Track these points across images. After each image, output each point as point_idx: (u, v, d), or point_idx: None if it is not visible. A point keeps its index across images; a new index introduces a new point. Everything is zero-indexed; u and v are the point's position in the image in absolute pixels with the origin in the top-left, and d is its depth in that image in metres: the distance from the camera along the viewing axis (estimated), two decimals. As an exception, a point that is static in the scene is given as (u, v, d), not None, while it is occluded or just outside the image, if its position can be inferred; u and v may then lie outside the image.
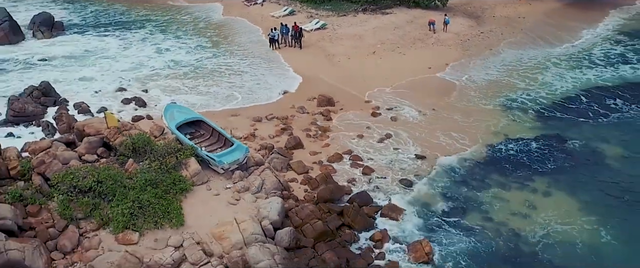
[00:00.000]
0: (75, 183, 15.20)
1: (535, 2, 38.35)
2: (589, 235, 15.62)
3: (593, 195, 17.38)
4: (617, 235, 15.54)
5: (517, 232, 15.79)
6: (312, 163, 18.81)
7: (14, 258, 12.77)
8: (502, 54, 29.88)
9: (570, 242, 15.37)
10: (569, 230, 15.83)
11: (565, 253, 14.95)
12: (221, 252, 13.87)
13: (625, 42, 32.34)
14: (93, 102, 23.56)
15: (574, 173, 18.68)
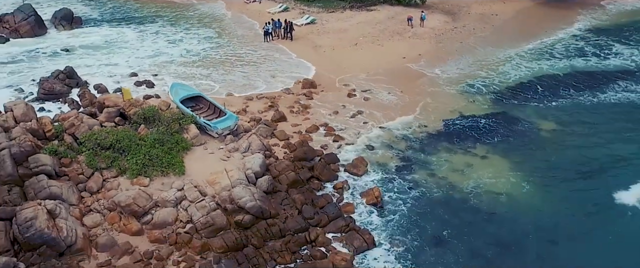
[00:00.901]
0: (98, 142, 19.15)
1: (509, 1, 41.91)
2: (512, 187, 19.29)
3: (522, 158, 21.05)
4: (536, 187, 19.22)
5: (454, 184, 19.50)
6: (293, 133, 22.58)
7: (54, 193, 16.69)
8: (471, 47, 33.40)
9: (495, 192, 19.04)
10: (496, 183, 19.52)
11: (490, 199, 18.63)
12: (213, 193, 17.69)
13: (588, 39, 35.77)
14: (110, 84, 27.44)
15: (510, 142, 22.34)
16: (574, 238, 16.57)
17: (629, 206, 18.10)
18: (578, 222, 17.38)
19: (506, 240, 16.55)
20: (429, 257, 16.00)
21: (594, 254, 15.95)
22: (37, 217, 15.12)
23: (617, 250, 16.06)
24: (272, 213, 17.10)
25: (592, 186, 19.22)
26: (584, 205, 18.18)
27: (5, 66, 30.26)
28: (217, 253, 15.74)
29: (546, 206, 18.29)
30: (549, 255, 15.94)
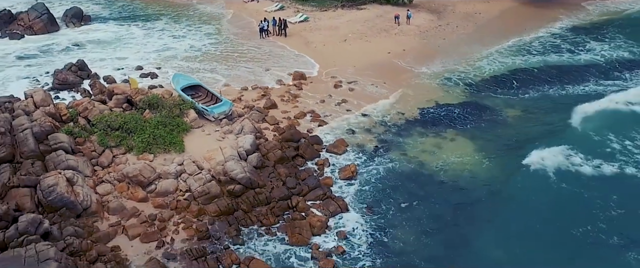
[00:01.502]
0: (108, 123, 21.75)
1: (494, 1, 44.24)
2: (474, 164, 21.72)
3: (486, 140, 23.46)
4: (494, 163, 21.62)
5: (423, 162, 21.95)
6: (282, 118, 25.07)
7: (71, 165, 19.25)
8: (453, 44, 35.76)
9: (459, 168, 21.46)
10: (461, 161, 21.95)
11: (454, 174, 21.04)
12: (209, 167, 20.23)
13: (566, 36, 38.02)
14: (118, 76, 30.00)
15: (478, 127, 24.76)
16: (516, 200, 19.00)
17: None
18: (522, 187, 19.80)
19: (463, 205, 18.99)
20: (395, 219, 18.42)
21: (526, 209, 18.41)
22: (58, 184, 17.71)
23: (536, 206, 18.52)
24: (260, 184, 19.63)
25: (540, 159, 21.55)
26: (528, 174, 20.58)
27: (22, 60, 32.95)
28: (212, 216, 18.27)
29: (499, 177, 20.71)
30: (496, 215, 18.39)
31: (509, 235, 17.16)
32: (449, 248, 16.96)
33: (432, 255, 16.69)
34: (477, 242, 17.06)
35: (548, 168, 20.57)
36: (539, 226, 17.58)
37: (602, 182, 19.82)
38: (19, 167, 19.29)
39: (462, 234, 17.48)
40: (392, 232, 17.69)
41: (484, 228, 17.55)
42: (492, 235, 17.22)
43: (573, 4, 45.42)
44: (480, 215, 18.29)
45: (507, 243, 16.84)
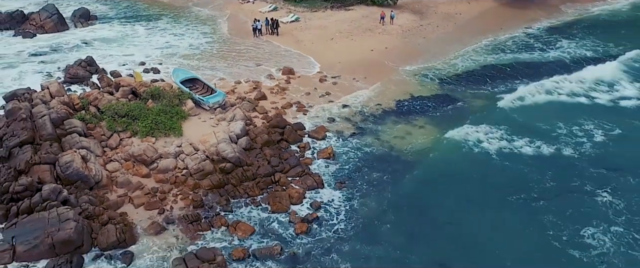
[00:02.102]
0: (116, 111, 24.71)
1: (474, 2, 47.18)
2: (437, 146, 24.41)
3: (450, 126, 26.09)
4: (455, 144, 24.33)
5: (394, 145, 24.80)
6: (271, 108, 27.98)
7: (84, 146, 22.19)
8: (432, 42, 38.69)
9: (425, 150, 24.24)
10: (427, 144, 24.73)
11: (420, 155, 23.75)
12: (204, 148, 23.15)
13: (539, 36, 40.92)
14: (123, 71, 32.93)
15: (445, 116, 27.56)
16: (466, 174, 21.94)
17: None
18: (472, 163, 22.76)
19: (425, 180, 21.78)
20: (364, 192, 21.22)
21: (471, 180, 21.37)
22: (74, 160, 20.66)
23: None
24: (248, 162, 22.56)
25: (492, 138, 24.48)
26: (476, 153, 23.54)
27: (36, 57, 35.86)
28: (205, 189, 21.19)
29: (458, 155, 23.55)
30: (448, 186, 21.25)
31: (458, 201, 20.03)
32: (410, 215, 19.75)
33: (394, 219, 19.50)
34: (433, 209, 19.88)
35: (490, 148, 23.64)
36: (481, 193, 20.60)
37: (535, 159, 22.89)
38: (39, 148, 22.17)
39: (421, 203, 20.29)
40: (360, 201, 20.54)
41: (439, 198, 20.39)
42: (445, 202, 20.04)
43: (551, 5, 48.34)
44: (437, 187, 21.16)
45: (455, 207, 19.74)
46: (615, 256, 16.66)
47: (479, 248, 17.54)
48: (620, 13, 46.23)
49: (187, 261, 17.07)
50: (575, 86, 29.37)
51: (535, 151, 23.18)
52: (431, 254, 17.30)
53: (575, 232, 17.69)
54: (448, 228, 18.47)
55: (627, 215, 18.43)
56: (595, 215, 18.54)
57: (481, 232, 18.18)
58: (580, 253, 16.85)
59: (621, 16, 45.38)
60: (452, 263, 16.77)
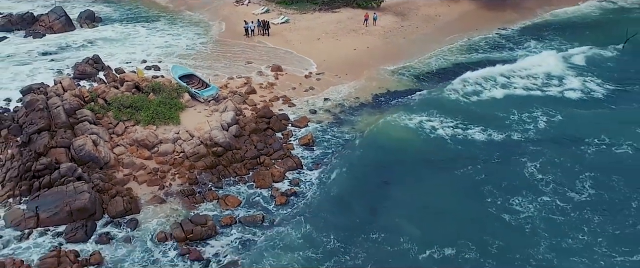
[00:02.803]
0: (121, 103, 27.98)
1: (454, 5, 50.43)
2: (403, 131, 27.49)
3: (417, 114, 29.22)
4: (419, 129, 27.50)
5: (366, 133, 27.82)
6: (259, 101, 31.24)
7: (94, 132, 25.46)
8: (411, 42, 41.93)
9: (392, 135, 27.19)
10: (394, 129, 27.70)
11: (387, 139, 26.63)
12: (198, 135, 26.41)
13: (511, 37, 44.03)
14: (126, 68, 36.23)
15: (413, 107, 30.39)
16: (425, 156, 25.23)
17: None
18: (431, 146, 26.09)
19: (390, 161, 24.90)
20: (337, 172, 24.39)
21: (427, 161, 24.62)
22: (86, 144, 23.94)
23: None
24: (237, 147, 25.85)
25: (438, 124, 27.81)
26: (432, 137, 26.79)
27: (46, 55, 39.07)
28: (200, 169, 24.46)
29: (419, 140, 26.75)
30: (408, 167, 24.47)
31: (414, 178, 23.28)
32: (373, 190, 22.91)
33: (360, 194, 22.62)
34: (393, 185, 23.05)
35: (446, 134, 27.08)
36: (433, 171, 23.99)
37: (484, 142, 26.22)
38: (55, 134, 25.40)
39: (384, 180, 23.45)
40: (333, 179, 23.71)
41: (399, 175, 23.64)
42: (403, 179, 23.21)
43: (525, 8, 51.48)
44: (398, 167, 24.39)
45: (411, 182, 22.98)
46: (538, 219, 19.95)
47: (429, 215, 20.79)
48: (589, 16, 49.50)
49: (183, 225, 20.37)
50: (528, 81, 32.69)
51: (485, 135, 26.50)
52: (387, 221, 20.55)
53: (508, 200, 20.99)
54: (404, 200, 21.72)
55: (552, 186, 21.72)
56: (526, 186, 21.86)
57: (432, 203, 21.46)
58: (510, 217, 20.15)
59: (589, 19, 48.65)
60: (406, 227, 20.02)
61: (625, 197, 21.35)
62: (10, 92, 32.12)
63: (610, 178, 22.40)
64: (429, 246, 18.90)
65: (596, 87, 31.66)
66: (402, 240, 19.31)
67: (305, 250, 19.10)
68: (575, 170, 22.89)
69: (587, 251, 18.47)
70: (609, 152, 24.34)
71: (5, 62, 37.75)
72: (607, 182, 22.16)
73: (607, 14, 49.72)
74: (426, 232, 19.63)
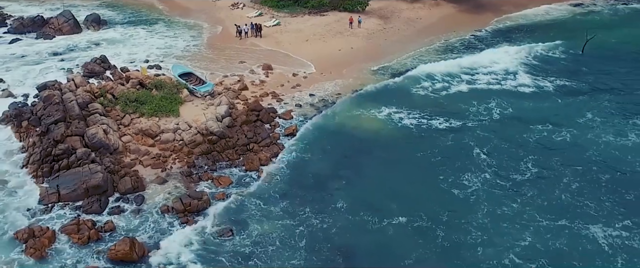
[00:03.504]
0: (127, 97, 31.63)
1: (434, 8, 54.16)
2: (377, 122, 31.31)
3: (390, 106, 33.01)
4: (391, 119, 31.24)
5: (345, 123, 31.59)
6: (251, 96, 34.89)
7: (104, 122, 29.12)
8: (391, 44, 45.56)
9: (366, 125, 31.08)
10: (369, 120, 31.56)
11: (362, 128, 30.58)
12: (196, 125, 30.07)
13: (484, 38, 47.66)
14: (131, 67, 39.84)
15: (386, 102, 33.95)
16: (393, 142, 28.88)
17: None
18: (397, 133, 29.75)
19: (362, 146, 28.68)
20: (316, 156, 28.13)
21: (393, 146, 28.28)
22: (98, 133, 27.59)
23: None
24: (229, 136, 29.52)
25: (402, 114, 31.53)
26: (398, 125, 30.51)
27: (56, 55, 42.54)
28: (196, 155, 28.10)
29: (388, 128, 30.51)
30: (378, 151, 28.17)
31: (381, 160, 27.16)
32: (346, 170, 26.60)
33: (334, 173, 26.31)
34: (363, 166, 26.77)
35: (411, 123, 30.92)
36: (397, 154, 27.85)
37: (443, 130, 30.12)
38: (69, 124, 29.04)
39: (355, 161, 27.19)
40: (312, 162, 27.47)
41: (368, 158, 27.38)
42: (371, 161, 26.99)
43: (502, 11, 55.30)
44: (368, 151, 28.15)
45: (378, 164, 26.84)
46: (481, 192, 23.75)
47: (390, 190, 24.53)
48: (558, 19, 53.30)
49: (183, 199, 24.05)
50: (489, 77, 36.54)
51: (445, 124, 30.41)
52: (354, 195, 24.22)
53: (458, 178, 24.73)
54: (370, 179, 25.46)
55: (497, 166, 25.52)
56: (475, 166, 25.67)
57: (393, 180, 25.23)
58: (458, 191, 23.90)
59: (557, 21, 52.46)
60: (369, 201, 23.70)
61: (558, 175, 25.13)
62: (26, 88, 35.74)
63: (549, 160, 26.18)
64: (387, 216, 22.64)
65: (548, 83, 35.49)
66: (364, 210, 23.07)
67: (284, 219, 22.82)
68: (519, 153, 26.68)
69: (518, 217, 22.24)
70: (550, 139, 28.11)
71: (19, 61, 41.36)
72: (545, 163, 25.94)
73: (575, 16, 53.49)
74: (385, 203, 23.36)
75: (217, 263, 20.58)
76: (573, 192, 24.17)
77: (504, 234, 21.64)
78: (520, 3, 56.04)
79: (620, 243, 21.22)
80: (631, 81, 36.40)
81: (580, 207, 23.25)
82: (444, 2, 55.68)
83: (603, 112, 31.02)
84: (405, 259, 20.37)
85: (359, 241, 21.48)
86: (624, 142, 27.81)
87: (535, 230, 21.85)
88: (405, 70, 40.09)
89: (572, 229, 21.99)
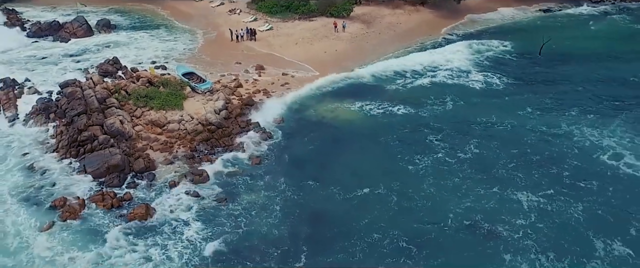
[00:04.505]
0: (139, 93, 36.98)
1: (414, 14, 59.50)
2: (352, 114, 36.57)
3: (365, 101, 38.32)
4: (364, 112, 36.57)
5: (324, 115, 36.83)
6: (245, 93, 40.20)
7: (120, 114, 34.46)
8: (373, 46, 50.90)
9: (343, 116, 36.36)
10: (346, 112, 36.81)
11: (339, 119, 35.80)
12: (197, 117, 35.41)
13: (453, 41, 53.04)
14: (139, 67, 45.17)
15: (360, 96, 39.31)
16: (364, 131, 34.19)
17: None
18: (365, 121, 35.05)
19: (337, 133, 33.97)
20: (298, 141, 33.43)
21: (364, 134, 33.61)
22: (115, 122, 32.92)
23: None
24: (226, 126, 34.87)
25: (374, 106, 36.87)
26: (369, 115, 35.83)
27: (72, 56, 48.02)
28: (198, 141, 33.42)
29: (358, 118, 35.82)
30: (350, 137, 33.48)
31: (352, 143, 32.43)
32: (324, 153, 31.82)
33: (314, 156, 31.58)
34: (338, 148, 32.05)
35: (378, 113, 36.22)
36: (365, 138, 33.15)
37: (404, 117, 35.47)
38: (90, 116, 34.37)
39: (332, 145, 32.44)
40: (295, 146, 32.76)
41: (342, 142, 32.71)
42: (344, 145, 32.26)
43: (474, 14, 60.74)
44: (342, 136, 33.54)
45: (350, 147, 32.09)
46: (430, 168, 29.19)
47: (357, 168, 29.82)
48: (522, 23, 58.98)
49: (186, 175, 29.40)
50: (447, 73, 42.18)
51: (406, 114, 35.87)
52: (327, 173, 29.48)
53: (412, 157, 30.17)
54: (341, 159, 30.81)
55: (445, 148, 30.93)
56: (427, 148, 31.08)
57: (360, 160, 30.58)
58: (412, 167, 29.33)
59: (522, 25, 58.17)
60: (339, 177, 29.03)
61: (496, 156, 30.55)
62: (49, 86, 41.10)
63: (489, 144, 31.61)
64: (352, 188, 28.00)
65: (497, 80, 40.95)
66: (333, 184, 28.41)
67: (266, 191, 28.19)
68: (465, 138, 32.14)
69: (458, 187, 27.72)
70: (492, 128, 33.59)
71: (39, 62, 46.76)
72: (486, 146, 31.36)
73: (539, 21, 58.96)
74: (351, 179, 28.75)
75: (214, 222, 25.93)
76: (507, 168, 29.55)
77: (447, 200, 27.05)
78: (491, 8, 61.45)
79: (538, 205, 26.65)
80: (576, 79, 41.79)
81: (511, 179, 28.67)
82: (423, 8, 61.06)
83: (543, 106, 36.47)
84: (363, 220, 25.71)
85: (326, 207, 26.85)
86: (556, 131, 33.18)
87: (472, 196, 27.25)
88: (380, 69, 45.43)
89: (502, 195, 27.43)
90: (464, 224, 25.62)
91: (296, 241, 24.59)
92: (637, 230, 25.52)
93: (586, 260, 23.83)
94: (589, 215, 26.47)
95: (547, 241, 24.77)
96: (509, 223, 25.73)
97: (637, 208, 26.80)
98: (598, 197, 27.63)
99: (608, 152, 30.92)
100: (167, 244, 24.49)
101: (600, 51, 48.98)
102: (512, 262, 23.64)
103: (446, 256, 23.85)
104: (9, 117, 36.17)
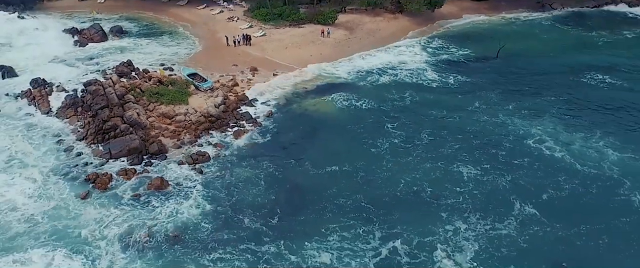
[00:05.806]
0: (151, 91, 44.05)
1: (393, 21, 66.50)
2: (331, 107, 43.71)
3: (344, 96, 45.42)
4: (343, 106, 43.72)
5: (307, 109, 43.92)
6: (240, 90, 47.30)
7: (137, 108, 41.48)
8: (353, 50, 57.87)
9: (323, 109, 43.45)
10: (327, 107, 44.01)
11: (319, 113, 42.87)
12: (200, 110, 42.44)
13: (428, 43, 60.22)
14: (150, 68, 52.13)
15: (336, 91, 46.46)
16: (342, 121, 41.29)
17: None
18: (338, 113, 42.09)
19: (315, 123, 41.07)
20: (283, 130, 40.41)
21: (341, 125, 40.66)
22: (133, 114, 39.97)
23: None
24: (224, 117, 41.93)
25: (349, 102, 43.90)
26: (345, 108, 42.86)
27: (90, 59, 55.01)
28: (201, 130, 40.48)
29: (333, 109, 42.87)
30: (326, 126, 40.50)
31: (327, 131, 39.48)
32: (304, 139, 38.90)
33: (296, 143, 38.62)
34: (316, 135, 39.13)
35: (348, 105, 43.08)
36: (336, 126, 40.14)
37: (368, 110, 42.56)
38: (112, 109, 41.35)
39: (311, 134, 39.50)
40: (281, 134, 39.78)
41: (319, 130, 39.74)
42: (320, 133, 39.33)
43: (447, 20, 67.83)
44: (319, 125, 40.63)
45: (325, 134, 39.07)
46: (389, 150, 36.34)
47: (328, 151, 36.93)
48: (486, 28, 66.25)
49: (192, 156, 36.51)
50: (407, 72, 49.29)
51: (369, 106, 43.09)
52: (305, 156, 36.48)
53: (374, 142, 37.30)
54: (316, 143, 37.95)
55: (402, 135, 38.08)
56: (386, 135, 38.23)
57: (331, 145, 37.73)
58: (374, 149, 36.50)
59: (486, 30, 65.37)
60: (315, 159, 36.03)
61: (444, 141, 37.73)
62: (73, 85, 48.08)
63: (439, 132, 38.77)
64: (323, 166, 35.13)
65: (452, 80, 48.13)
66: (309, 163, 35.54)
67: (255, 169, 35.26)
68: (418, 127, 39.37)
69: (411, 164, 35.01)
70: (442, 119, 40.83)
71: (63, 64, 53.73)
72: (436, 134, 38.51)
73: (502, 27, 66.16)
74: (323, 158, 35.89)
75: (213, 190, 33.04)
76: (453, 149, 36.75)
77: (401, 173, 34.21)
78: (460, 16, 68.56)
79: (475, 177, 33.91)
80: (523, 79, 48.96)
81: (456, 157, 35.90)
82: (401, 16, 68.09)
83: (488, 101, 43.65)
84: (332, 188, 32.80)
85: (302, 179, 33.98)
86: (496, 120, 40.40)
87: (422, 170, 34.45)
88: (356, 69, 52.52)
89: (446, 169, 34.67)
90: (413, 190, 32.81)
91: (276, 204, 31.71)
92: (548, 195, 32.68)
93: (505, 217, 30.99)
94: (514, 185, 33.63)
95: (479, 203, 31.95)
96: (449, 190, 32.91)
97: (551, 180, 33.91)
98: (523, 171, 34.83)
99: (534, 137, 38.09)
100: (178, 204, 31.61)
101: (550, 54, 56.16)
102: (448, 217, 30.78)
103: (398, 213, 30.95)
104: (43, 111, 43.24)
